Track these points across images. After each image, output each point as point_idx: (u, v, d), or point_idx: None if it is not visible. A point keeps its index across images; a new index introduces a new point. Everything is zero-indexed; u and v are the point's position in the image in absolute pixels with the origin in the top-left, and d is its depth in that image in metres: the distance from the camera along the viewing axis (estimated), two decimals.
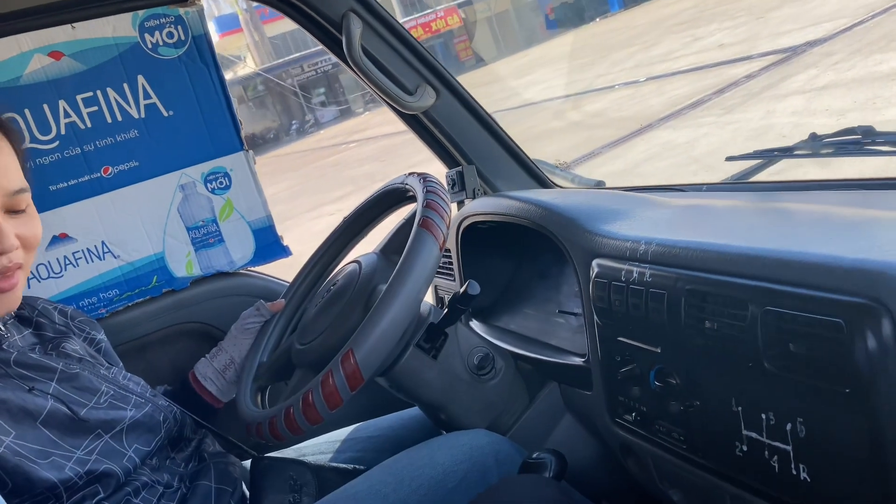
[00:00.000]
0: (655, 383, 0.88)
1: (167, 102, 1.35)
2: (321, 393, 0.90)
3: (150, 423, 0.94)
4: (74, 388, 0.90)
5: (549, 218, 1.10)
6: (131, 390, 0.97)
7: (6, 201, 0.82)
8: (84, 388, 0.91)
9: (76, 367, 0.93)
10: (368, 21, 1.33)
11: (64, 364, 0.92)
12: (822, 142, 1.10)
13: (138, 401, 0.95)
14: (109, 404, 0.91)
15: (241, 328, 1.20)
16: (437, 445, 1.03)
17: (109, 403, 0.91)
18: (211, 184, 1.39)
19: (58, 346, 0.95)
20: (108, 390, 0.93)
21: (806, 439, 0.69)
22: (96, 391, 0.92)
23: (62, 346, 0.95)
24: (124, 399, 0.94)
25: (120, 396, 0.94)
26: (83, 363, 0.95)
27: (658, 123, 7.10)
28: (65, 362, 0.92)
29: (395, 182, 1.14)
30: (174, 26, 1.33)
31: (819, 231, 0.81)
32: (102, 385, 0.93)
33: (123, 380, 0.99)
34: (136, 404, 0.95)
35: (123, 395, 0.95)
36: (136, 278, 1.37)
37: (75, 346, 0.97)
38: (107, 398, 0.92)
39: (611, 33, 19.73)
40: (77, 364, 0.94)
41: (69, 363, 0.93)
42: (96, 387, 0.92)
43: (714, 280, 0.78)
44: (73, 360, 0.94)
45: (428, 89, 1.41)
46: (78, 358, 0.96)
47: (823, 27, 8.36)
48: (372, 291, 1.05)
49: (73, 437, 0.85)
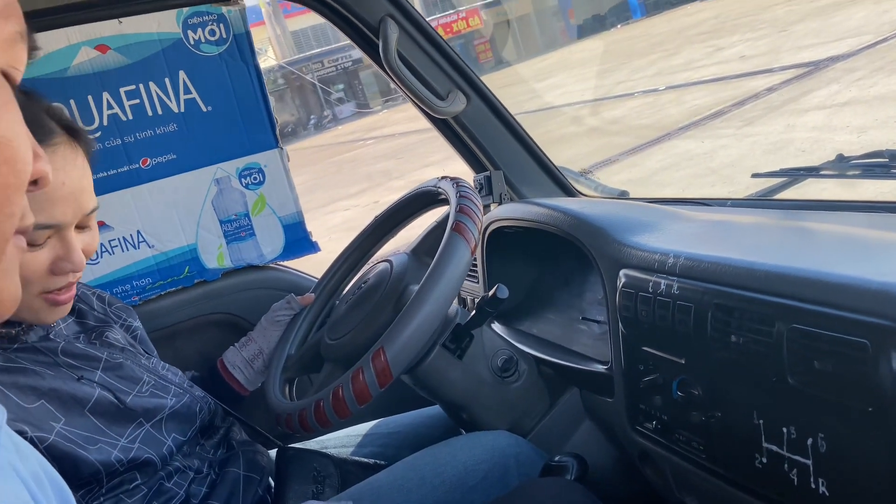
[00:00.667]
0: (678, 393, 0.90)
1: (206, 98, 1.38)
2: (351, 388, 0.93)
3: (188, 413, 0.97)
4: (119, 377, 0.93)
5: (578, 227, 1.12)
6: (170, 380, 1.00)
7: (81, 220, 0.84)
8: (127, 378, 0.94)
9: (119, 357, 0.96)
10: (405, 26, 1.36)
11: (108, 353, 0.95)
12: (849, 163, 1.12)
13: (177, 391, 0.99)
14: (151, 393, 0.95)
15: (272, 320, 1.23)
16: (458, 444, 1.05)
17: (151, 392, 0.95)
18: (245, 179, 1.43)
19: (101, 335, 0.98)
20: (149, 379, 0.97)
21: (827, 454, 0.71)
22: (139, 380, 0.95)
23: (105, 336, 0.98)
24: (164, 388, 0.97)
25: (160, 386, 0.97)
26: (125, 353, 0.98)
27: (677, 133, 7.09)
28: (108, 352, 0.95)
29: (427, 184, 1.17)
30: (216, 24, 1.37)
31: (845, 252, 0.83)
32: (144, 374, 0.97)
33: (162, 370, 1.02)
34: (176, 394, 0.98)
35: (164, 385, 0.98)
36: (169, 268, 1.40)
37: (117, 336, 1.01)
38: (148, 387, 0.95)
39: (631, 40, 19.68)
40: (120, 353, 0.97)
41: (112, 352, 0.96)
42: (139, 376, 0.96)
43: (741, 296, 0.80)
44: (115, 350, 0.97)
45: (459, 95, 1.44)
46: (120, 347, 0.99)
47: (847, 43, 8.31)
48: (403, 291, 1.08)
49: (118, 425, 0.88)
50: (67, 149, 0.83)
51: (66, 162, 0.82)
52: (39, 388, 0.82)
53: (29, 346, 0.86)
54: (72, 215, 0.82)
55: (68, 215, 0.81)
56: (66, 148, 0.83)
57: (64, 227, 0.82)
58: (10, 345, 0.85)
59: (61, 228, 0.82)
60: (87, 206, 0.85)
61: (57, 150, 0.81)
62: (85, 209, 0.84)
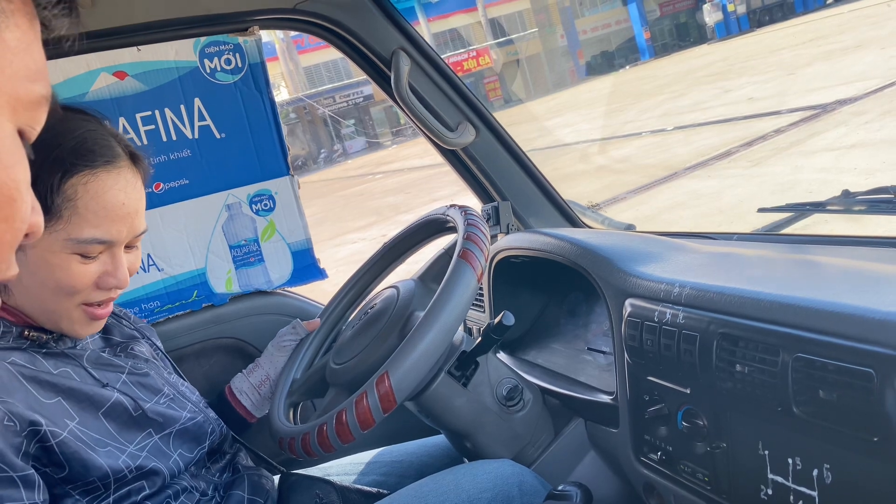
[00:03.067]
0: (683, 423, 0.90)
1: (220, 125, 1.41)
2: (354, 413, 0.92)
3: (198, 431, 0.98)
4: (140, 385, 0.95)
5: (585, 256, 1.13)
6: (188, 397, 1.02)
7: (131, 240, 0.90)
8: (149, 387, 0.96)
9: (144, 367, 0.98)
10: (416, 59, 1.39)
11: (132, 363, 0.97)
12: (855, 199, 1.12)
13: (193, 408, 1.00)
14: (168, 405, 0.96)
15: (278, 345, 1.23)
16: (462, 472, 1.05)
17: (168, 405, 0.96)
18: (256, 205, 1.45)
19: (126, 348, 1.00)
20: (168, 392, 0.98)
21: (832, 486, 0.71)
22: (159, 391, 0.97)
23: (131, 348, 1.01)
24: (181, 404, 0.99)
25: (178, 401, 0.99)
26: (150, 364, 1.01)
27: (684, 172, 7.13)
28: (133, 362, 0.97)
29: (436, 212, 1.18)
30: (232, 53, 1.40)
31: (850, 283, 0.83)
32: (165, 387, 0.98)
33: (181, 386, 1.04)
34: (191, 411, 0.99)
35: (181, 401, 0.99)
36: (178, 292, 1.41)
37: (142, 349, 1.03)
38: (166, 399, 0.97)
39: (640, 81, 19.90)
40: (144, 364, 0.99)
41: (137, 363, 0.98)
42: (159, 387, 0.97)
43: (747, 325, 0.80)
44: (140, 360, 0.99)
45: (469, 127, 1.46)
46: (145, 359, 1.01)
47: (854, 86, 8.39)
48: (409, 317, 1.08)
49: (128, 432, 0.89)
50: (129, 172, 0.89)
51: (128, 184, 0.88)
52: (59, 386, 0.84)
53: (57, 353, 0.89)
54: (126, 234, 0.87)
55: (123, 233, 0.87)
56: (128, 172, 0.88)
57: (116, 244, 0.87)
58: (39, 349, 0.87)
59: (113, 245, 0.87)
60: (139, 228, 0.90)
61: (121, 173, 0.87)
62: (137, 230, 0.89)
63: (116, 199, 0.85)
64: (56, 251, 0.83)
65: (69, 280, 0.84)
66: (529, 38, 33.03)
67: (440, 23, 30.82)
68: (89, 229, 0.83)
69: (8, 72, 0.35)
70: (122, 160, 0.88)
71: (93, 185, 0.84)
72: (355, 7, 1.34)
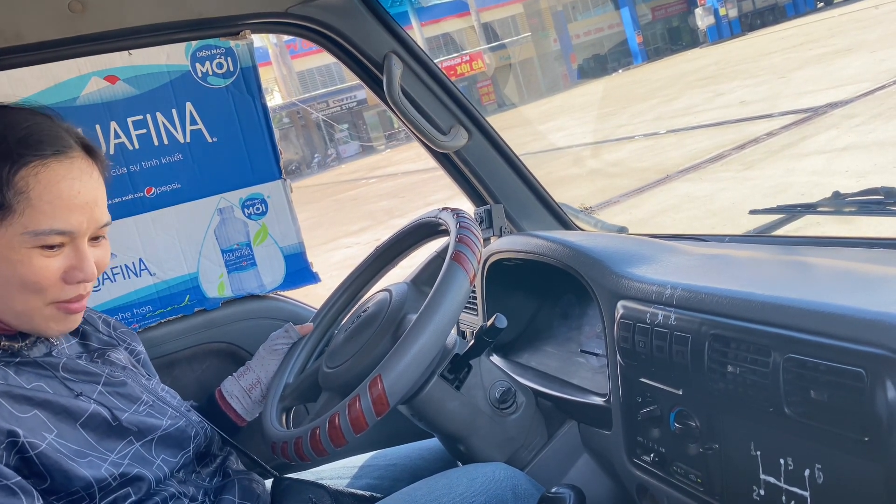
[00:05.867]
0: (675, 425, 0.90)
1: (212, 129, 1.40)
2: (347, 416, 0.92)
3: (181, 436, 0.97)
4: (118, 395, 0.93)
5: (577, 258, 1.13)
6: (168, 402, 1.00)
7: (94, 232, 0.88)
8: (126, 395, 0.94)
9: (120, 375, 0.96)
10: (408, 63, 1.39)
11: (109, 371, 0.95)
12: (845, 200, 1.13)
13: (174, 413, 0.98)
14: (147, 413, 0.94)
15: (270, 349, 1.23)
16: (455, 476, 1.04)
17: (147, 412, 0.95)
18: (248, 209, 1.44)
19: (103, 354, 0.99)
20: (147, 399, 0.97)
21: (824, 486, 0.71)
22: (137, 399, 0.95)
23: (107, 355, 0.99)
24: (161, 410, 0.97)
25: (158, 407, 0.97)
26: (126, 371, 0.99)
27: (677, 175, 7.16)
28: (109, 370, 0.96)
29: (428, 215, 1.18)
30: (224, 57, 1.40)
31: (841, 284, 0.83)
32: (143, 394, 0.97)
33: (161, 391, 1.02)
34: (172, 416, 0.97)
35: (161, 407, 0.98)
36: (170, 296, 1.41)
37: (119, 356, 1.01)
38: (145, 407, 0.95)
39: (633, 85, 19.97)
40: (121, 372, 0.98)
41: (113, 370, 0.96)
42: (137, 395, 0.96)
43: (738, 326, 0.80)
44: (117, 368, 0.98)
45: (461, 130, 1.46)
46: (122, 366, 0.99)
47: (845, 90, 8.44)
48: (402, 320, 1.08)
49: (109, 441, 0.88)
50: (83, 162, 0.88)
51: (83, 173, 0.86)
52: (34, 399, 0.83)
53: (31, 361, 0.87)
54: (86, 224, 0.85)
55: (83, 223, 0.85)
56: (82, 162, 0.87)
57: (78, 235, 0.85)
58: (12, 359, 0.86)
59: (76, 237, 0.85)
60: (100, 218, 0.88)
61: (74, 163, 0.86)
62: (98, 221, 0.88)
63: (71, 188, 0.83)
64: (15, 247, 0.81)
65: (33, 276, 0.82)
66: (522, 42, 33.12)
67: (433, 27, 30.87)
68: (46, 220, 0.81)
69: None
70: (74, 151, 0.86)
71: (44, 175, 0.82)
72: (347, 11, 1.34)
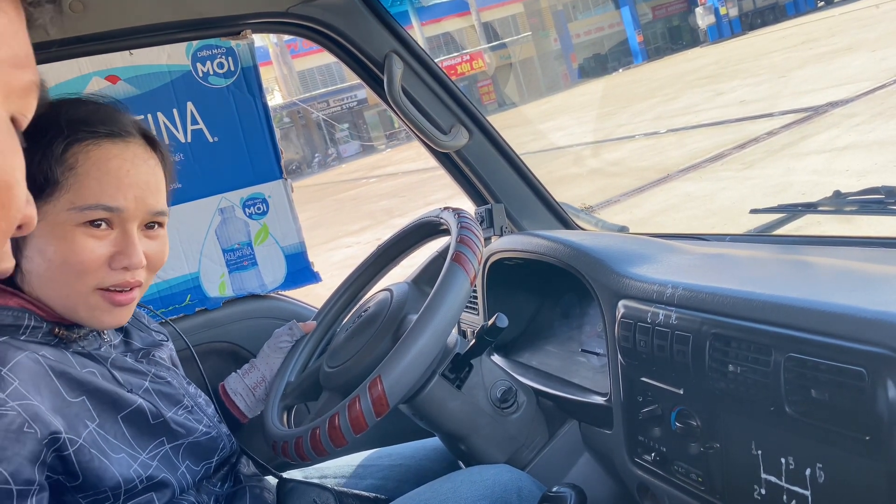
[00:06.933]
0: (676, 424, 0.90)
1: (213, 129, 1.41)
2: (347, 417, 0.92)
3: (210, 446, 0.96)
4: (161, 394, 0.93)
5: (578, 258, 1.13)
6: (204, 410, 1.00)
7: (147, 218, 0.87)
8: (169, 396, 0.94)
9: (165, 375, 0.96)
10: (409, 62, 1.39)
11: (154, 370, 0.95)
12: (846, 199, 1.13)
13: (208, 423, 0.98)
14: (185, 417, 0.94)
15: (274, 346, 1.23)
16: (460, 479, 1.04)
17: (185, 416, 0.94)
18: (249, 208, 1.44)
19: (147, 354, 0.98)
20: (187, 403, 0.96)
21: (825, 485, 0.71)
22: (178, 402, 0.95)
23: (152, 354, 0.99)
24: (198, 417, 0.97)
25: (195, 413, 0.97)
26: (170, 372, 0.99)
27: (677, 175, 7.16)
28: (155, 369, 0.96)
29: (429, 215, 1.18)
30: (225, 57, 1.40)
31: (841, 283, 0.83)
32: (184, 398, 0.97)
33: (199, 398, 1.02)
34: (206, 425, 0.97)
35: (198, 414, 0.98)
36: (171, 296, 1.41)
37: (163, 355, 1.01)
38: (184, 411, 0.95)
39: (633, 84, 19.97)
40: (166, 371, 0.97)
41: (159, 370, 0.96)
42: (179, 398, 0.96)
43: (739, 325, 0.80)
44: (162, 368, 0.98)
45: (462, 130, 1.46)
46: (166, 366, 0.99)
47: (846, 89, 8.44)
48: (402, 320, 1.08)
49: (143, 439, 0.87)
50: (140, 148, 0.87)
51: (136, 157, 0.86)
52: (85, 384, 0.82)
53: (84, 352, 0.87)
54: (134, 205, 0.84)
55: (129, 201, 0.84)
56: (138, 147, 0.87)
57: (127, 217, 0.84)
58: (67, 347, 0.85)
59: (124, 220, 0.84)
60: (153, 205, 0.87)
61: (129, 146, 0.86)
62: (150, 206, 0.87)
63: (121, 167, 0.83)
64: (61, 223, 0.80)
65: (76, 255, 0.80)
66: (523, 41, 33.12)
67: (434, 27, 30.88)
68: (92, 195, 0.81)
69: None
70: (131, 136, 0.86)
71: (95, 153, 0.82)
72: (348, 10, 1.34)
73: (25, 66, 0.37)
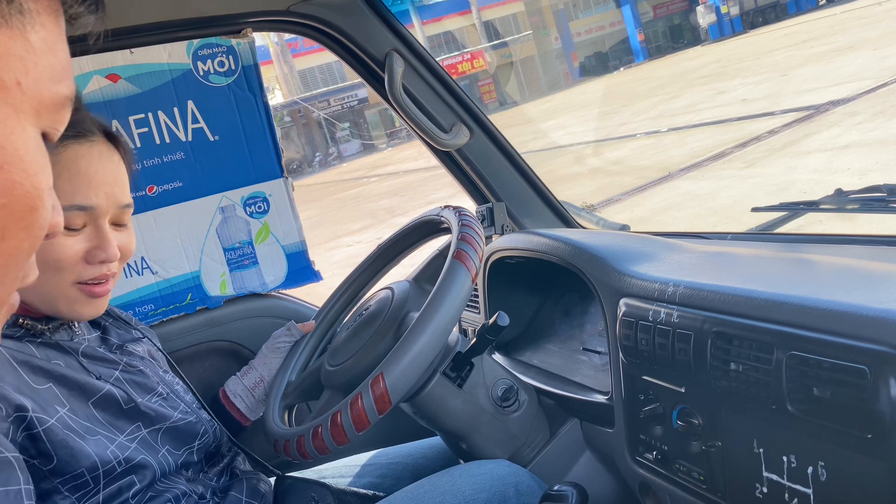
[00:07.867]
0: (678, 423, 0.90)
1: (214, 127, 1.40)
2: (349, 414, 0.92)
3: (189, 431, 0.97)
4: (133, 382, 0.94)
5: (579, 256, 1.13)
6: (181, 397, 1.01)
7: (115, 213, 0.90)
8: (141, 385, 0.95)
9: (139, 365, 0.98)
10: (410, 61, 1.39)
11: (127, 360, 0.97)
12: (848, 197, 1.13)
13: (185, 409, 0.99)
14: (159, 403, 0.95)
15: (272, 347, 1.23)
16: (458, 473, 1.05)
17: (159, 403, 0.96)
18: (250, 207, 1.44)
19: (122, 347, 1.00)
20: (162, 391, 0.98)
21: (827, 483, 0.71)
22: (152, 390, 0.96)
23: (126, 346, 1.00)
24: (174, 403, 0.98)
25: (171, 400, 0.98)
26: (145, 362, 1.00)
27: (679, 173, 7.15)
28: (128, 359, 0.97)
29: (431, 213, 1.18)
30: (226, 56, 1.40)
31: (843, 281, 0.83)
32: (159, 386, 0.98)
33: (176, 385, 1.03)
34: (183, 411, 0.98)
35: (174, 400, 0.99)
36: (172, 295, 1.41)
37: (138, 348, 1.02)
38: (158, 398, 0.96)
39: (634, 83, 19.95)
40: (139, 361, 0.99)
41: (132, 360, 0.98)
42: (153, 386, 0.97)
43: (741, 324, 0.80)
44: (135, 358, 0.99)
45: (463, 128, 1.46)
46: (140, 357, 1.01)
47: (847, 87, 8.43)
48: (404, 318, 1.08)
49: (117, 422, 0.88)
50: (104, 147, 0.90)
51: (102, 156, 0.89)
52: (50, 372, 0.84)
53: (52, 343, 0.89)
54: (105, 201, 0.88)
55: (101, 198, 0.87)
56: (102, 146, 0.90)
57: (99, 213, 0.87)
58: (35, 338, 0.87)
59: (96, 216, 0.87)
60: (121, 199, 0.90)
61: (94, 146, 0.89)
62: (119, 201, 0.90)
63: (89, 166, 0.87)
64: None
65: (54, 254, 0.83)
66: (524, 40, 33.09)
67: (434, 25, 30.86)
68: (65, 197, 0.84)
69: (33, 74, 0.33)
70: (94, 135, 0.89)
71: (63, 155, 0.85)
72: (349, 9, 1.34)
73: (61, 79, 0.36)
